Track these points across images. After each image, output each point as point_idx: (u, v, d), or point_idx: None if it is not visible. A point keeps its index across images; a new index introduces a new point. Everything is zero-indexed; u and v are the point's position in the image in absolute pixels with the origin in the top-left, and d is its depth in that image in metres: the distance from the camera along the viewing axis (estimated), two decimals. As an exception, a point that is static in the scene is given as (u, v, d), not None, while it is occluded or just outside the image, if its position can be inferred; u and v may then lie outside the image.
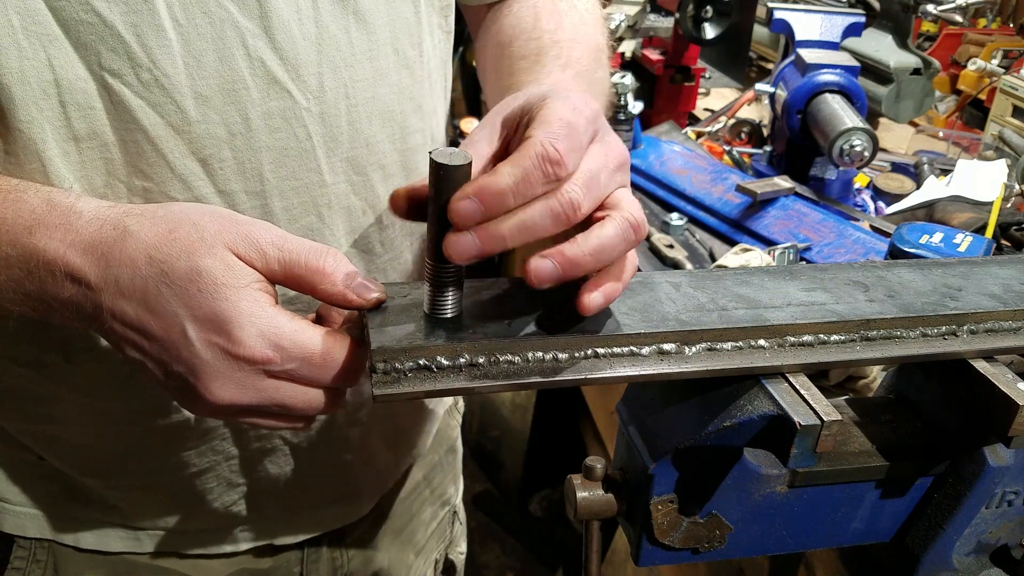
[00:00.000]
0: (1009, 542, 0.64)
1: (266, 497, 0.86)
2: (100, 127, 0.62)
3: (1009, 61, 1.90)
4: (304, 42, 0.67)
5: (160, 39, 0.61)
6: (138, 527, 0.85)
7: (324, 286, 0.55)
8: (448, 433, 1.13)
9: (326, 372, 0.56)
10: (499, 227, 0.50)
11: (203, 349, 0.54)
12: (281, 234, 0.56)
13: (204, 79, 0.63)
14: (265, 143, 0.68)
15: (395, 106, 0.76)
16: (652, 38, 1.92)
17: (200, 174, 0.66)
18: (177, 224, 0.55)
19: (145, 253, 0.54)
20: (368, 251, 0.79)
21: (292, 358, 0.54)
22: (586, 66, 0.79)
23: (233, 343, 0.53)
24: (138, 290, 0.54)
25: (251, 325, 0.53)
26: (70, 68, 0.60)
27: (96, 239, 0.55)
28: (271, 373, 0.55)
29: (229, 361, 0.54)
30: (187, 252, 0.53)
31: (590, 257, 0.51)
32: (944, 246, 0.96)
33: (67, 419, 0.76)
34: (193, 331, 0.53)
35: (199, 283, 0.53)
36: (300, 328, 0.55)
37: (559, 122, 0.52)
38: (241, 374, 0.54)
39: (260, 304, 0.54)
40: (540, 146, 0.50)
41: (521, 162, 0.50)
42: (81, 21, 0.59)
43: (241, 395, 0.55)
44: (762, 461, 0.58)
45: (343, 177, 0.73)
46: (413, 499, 1.06)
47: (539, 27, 0.82)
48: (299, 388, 0.56)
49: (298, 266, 0.55)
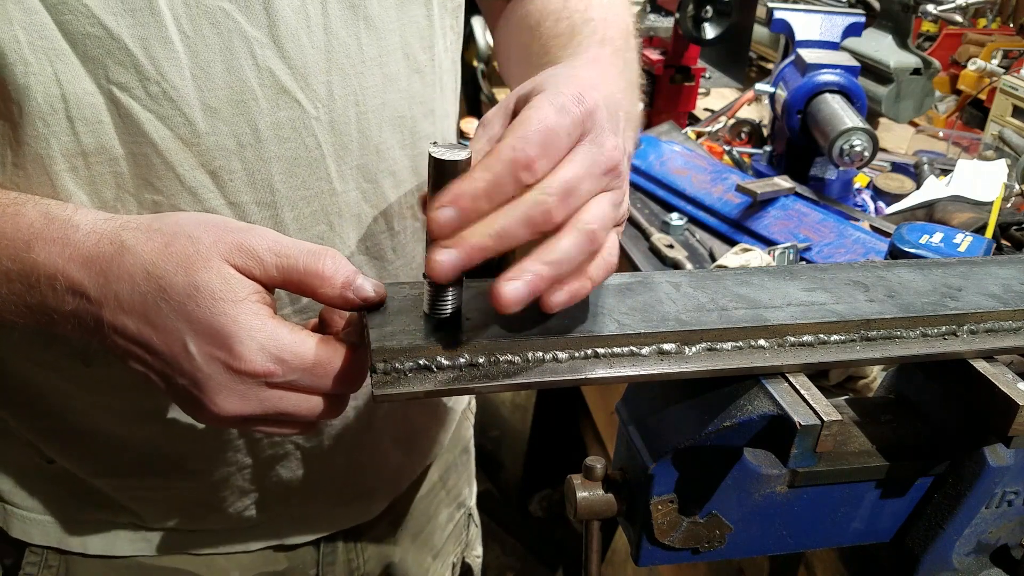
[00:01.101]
0: (1009, 542, 0.64)
1: (278, 499, 0.86)
2: (108, 141, 0.62)
3: (1009, 61, 1.90)
4: (313, 50, 0.66)
5: (167, 51, 0.61)
6: (148, 527, 0.84)
7: (324, 289, 0.55)
8: (463, 433, 1.13)
9: (328, 380, 0.56)
10: (476, 237, 0.48)
11: (205, 363, 0.54)
12: (277, 238, 0.56)
13: (212, 90, 0.63)
14: (275, 153, 0.67)
15: (406, 111, 0.75)
16: (652, 38, 1.92)
17: (210, 186, 0.66)
18: (173, 237, 0.55)
19: (143, 268, 0.54)
20: (380, 258, 0.79)
21: (293, 370, 0.55)
22: (619, 45, 0.76)
23: (235, 358, 0.53)
24: (138, 305, 0.54)
25: (251, 339, 0.53)
26: (77, 82, 0.60)
27: (94, 253, 0.55)
28: (273, 384, 0.55)
29: (231, 375, 0.54)
30: (184, 267, 0.53)
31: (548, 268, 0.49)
32: (944, 246, 0.96)
33: (84, 414, 0.76)
34: (194, 346, 0.54)
35: (197, 298, 0.53)
36: (300, 339, 0.55)
37: (537, 124, 0.49)
38: (244, 387, 0.55)
39: (259, 317, 0.54)
40: (510, 150, 0.48)
41: (492, 166, 0.48)
42: (88, 35, 0.58)
43: (244, 406, 0.55)
44: (762, 461, 0.58)
45: (353, 185, 0.73)
46: (430, 500, 1.06)
47: (569, 6, 0.80)
48: (302, 396, 0.57)
49: (296, 271, 0.55)
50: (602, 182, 0.52)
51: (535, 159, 0.48)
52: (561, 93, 0.52)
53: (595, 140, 0.52)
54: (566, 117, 0.50)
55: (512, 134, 0.49)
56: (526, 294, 0.47)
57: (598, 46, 0.73)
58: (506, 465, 2.61)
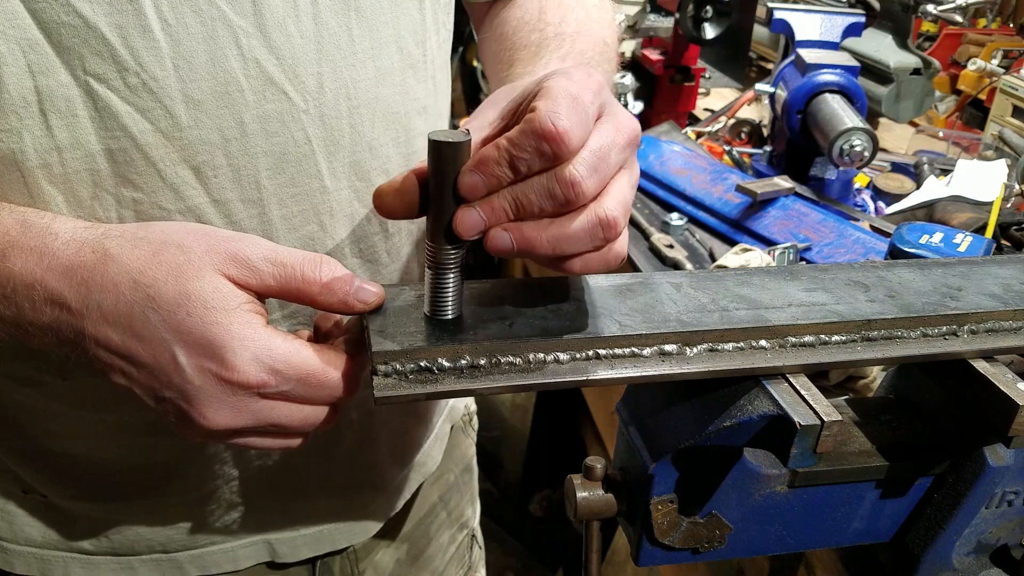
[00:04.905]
0: (1009, 542, 0.64)
1: (269, 515, 0.84)
2: (84, 136, 0.59)
3: (1009, 61, 1.90)
4: (302, 40, 0.64)
5: (147, 40, 0.58)
6: (132, 553, 0.82)
7: (323, 296, 0.54)
8: (464, 452, 1.11)
9: (323, 391, 0.55)
10: (500, 201, 0.50)
11: (195, 375, 0.52)
12: (271, 247, 0.55)
13: (195, 82, 0.60)
14: (261, 148, 0.64)
15: (399, 107, 0.73)
16: (652, 38, 1.92)
17: (193, 183, 0.63)
18: (162, 246, 0.53)
19: (129, 277, 0.52)
20: (374, 260, 0.77)
21: (287, 380, 0.53)
22: (589, 59, 0.77)
23: (227, 369, 0.52)
24: (123, 316, 0.52)
25: (244, 349, 0.52)
26: (51, 74, 0.56)
27: (75, 262, 0.53)
28: (266, 395, 0.54)
29: (223, 386, 0.52)
30: (175, 276, 0.52)
31: (547, 244, 0.50)
32: (944, 246, 0.96)
33: (69, 434, 0.74)
34: (184, 357, 0.52)
35: (188, 307, 0.51)
36: (295, 349, 0.54)
37: (563, 94, 0.49)
38: (235, 398, 0.53)
39: (252, 327, 0.53)
40: (538, 121, 0.48)
41: (517, 137, 0.48)
42: (63, 23, 0.55)
43: (236, 419, 0.54)
44: (762, 461, 0.58)
45: (345, 183, 0.70)
46: (430, 522, 1.04)
47: (544, 19, 0.80)
48: (294, 407, 0.55)
49: (294, 279, 0.54)
50: (626, 153, 0.53)
51: (568, 129, 0.48)
52: (570, 72, 0.52)
53: (611, 111, 0.53)
54: (586, 89, 0.51)
55: (541, 102, 0.49)
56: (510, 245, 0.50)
57: (558, 62, 0.73)
58: (506, 465, 2.61)
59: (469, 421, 1.13)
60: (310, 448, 0.80)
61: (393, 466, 0.91)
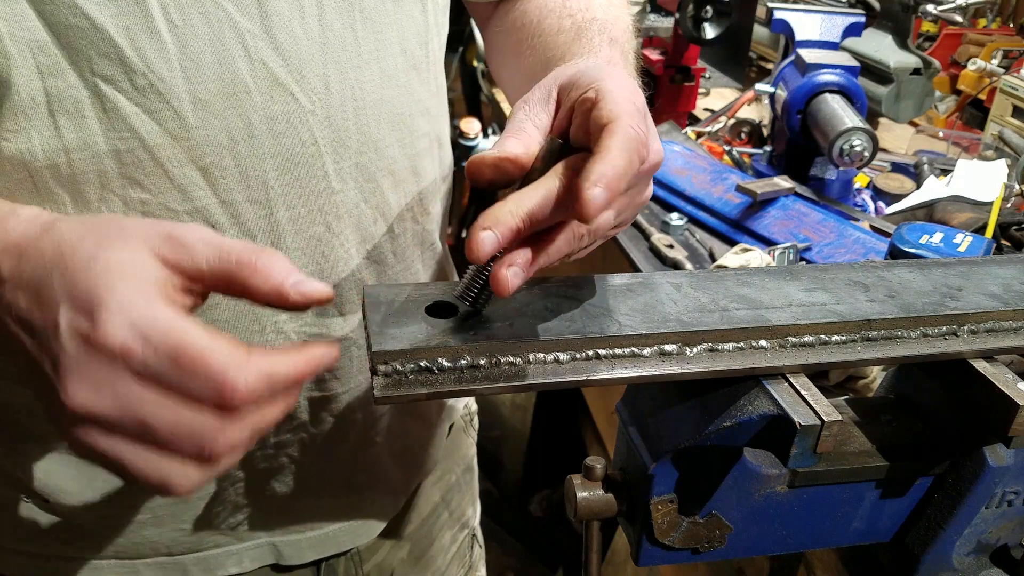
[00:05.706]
0: (1009, 542, 0.64)
1: (273, 517, 0.83)
2: (92, 137, 0.59)
3: (1009, 61, 1.90)
4: (308, 42, 0.64)
5: (155, 42, 0.58)
6: (136, 556, 0.81)
7: (255, 280, 0.48)
8: (464, 451, 1.11)
9: (195, 378, 0.45)
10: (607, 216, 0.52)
11: (68, 339, 0.45)
12: (215, 234, 0.51)
13: (202, 83, 0.61)
14: (269, 149, 0.65)
15: (403, 109, 0.73)
16: (652, 38, 1.92)
17: (200, 183, 0.63)
18: (104, 222, 0.50)
19: (55, 245, 0.48)
20: (380, 262, 0.77)
21: (156, 352, 0.44)
22: (625, 47, 0.76)
23: (94, 326, 0.45)
24: (34, 280, 0.48)
25: (121, 312, 0.45)
26: (60, 75, 0.57)
27: (20, 237, 0.51)
28: (133, 372, 0.45)
29: (86, 348, 0.45)
30: (96, 243, 0.48)
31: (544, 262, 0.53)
32: (944, 246, 0.96)
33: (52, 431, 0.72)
34: (65, 318, 0.46)
35: (93, 269, 0.46)
36: (181, 324, 0.45)
37: (633, 111, 0.52)
38: (96, 366, 0.45)
39: (147, 296, 0.46)
40: (632, 129, 0.50)
41: (626, 149, 0.50)
42: (71, 26, 0.56)
43: (97, 399, 0.45)
44: (762, 461, 0.58)
45: (352, 184, 0.71)
46: (432, 522, 1.04)
47: (569, 5, 0.79)
48: (167, 403, 0.45)
49: (227, 262, 0.48)
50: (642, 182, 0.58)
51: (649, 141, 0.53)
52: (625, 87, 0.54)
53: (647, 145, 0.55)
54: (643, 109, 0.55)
55: (620, 117, 0.51)
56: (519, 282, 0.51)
57: (608, 46, 0.72)
58: (506, 465, 2.61)
59: (470, 421, 1.13)
60: (312, 449, 0.81)
61: (395, 467, 0.91)
